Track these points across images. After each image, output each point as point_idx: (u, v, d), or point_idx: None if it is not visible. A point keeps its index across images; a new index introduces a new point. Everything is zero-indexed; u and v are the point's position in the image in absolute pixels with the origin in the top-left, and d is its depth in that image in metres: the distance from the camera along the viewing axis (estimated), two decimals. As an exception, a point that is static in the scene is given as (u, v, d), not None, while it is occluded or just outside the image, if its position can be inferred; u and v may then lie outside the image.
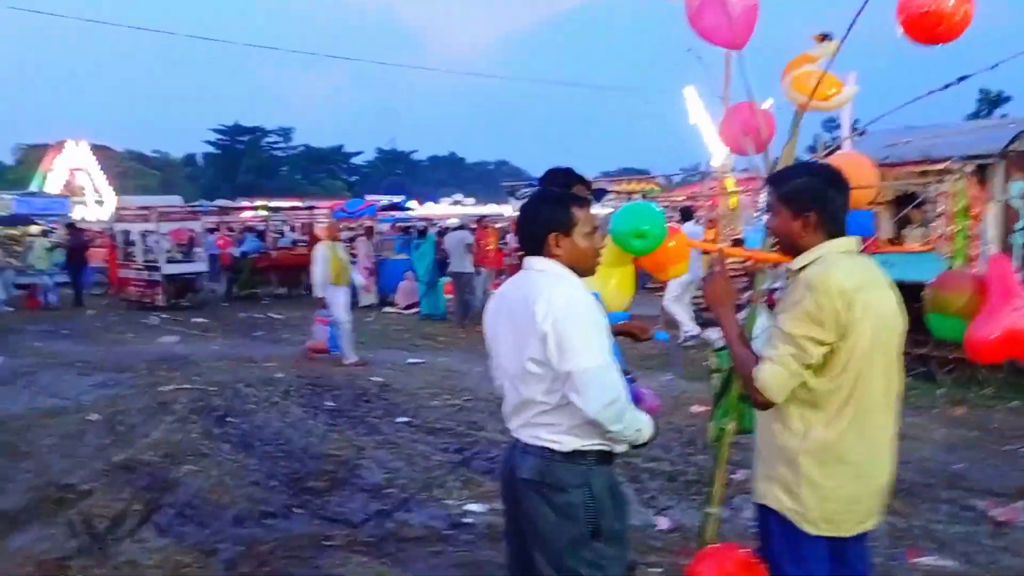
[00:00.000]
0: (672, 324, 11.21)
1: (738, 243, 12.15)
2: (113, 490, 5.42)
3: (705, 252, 8.21)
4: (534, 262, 2.54)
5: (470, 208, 39.25)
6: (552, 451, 2.43)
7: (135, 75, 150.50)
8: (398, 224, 24.37)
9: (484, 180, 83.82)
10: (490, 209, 33.35)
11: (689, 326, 11.16)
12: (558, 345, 2.33)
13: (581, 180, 3.32)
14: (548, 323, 2.34)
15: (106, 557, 4.40)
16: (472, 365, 10.18)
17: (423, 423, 7.17)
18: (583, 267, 2.56)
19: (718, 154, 15.90)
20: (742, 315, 2.81)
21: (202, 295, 18.27)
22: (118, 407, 7.76)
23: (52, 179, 38.96)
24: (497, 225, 18.22)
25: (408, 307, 15.97)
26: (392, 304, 16.57)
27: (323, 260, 10.12)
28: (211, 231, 22.64)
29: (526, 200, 2.67)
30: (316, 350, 10.44)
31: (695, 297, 11.11)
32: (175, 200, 22.49)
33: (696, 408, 7.14)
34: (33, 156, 50.81)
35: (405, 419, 7.30)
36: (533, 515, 2.45)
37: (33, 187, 37.79)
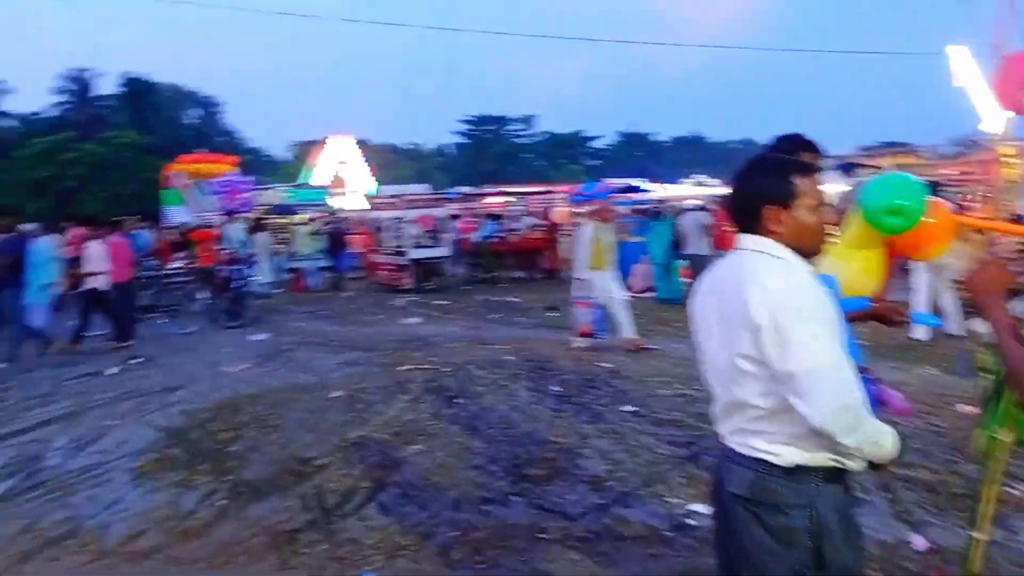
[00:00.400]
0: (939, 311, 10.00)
1: (1017, 220, 10.63)
2: (346, 466, 5.64)
3: (978, 231, 7.18)
4: (747, 240, 2.17)
5: (712, 189, 37.98)
6: (769, 464, 2.06)
7: (391, 71, 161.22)
8: (636, 207, 24.03)
9: (728, 160, 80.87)
10: (732, 189, 31.97)
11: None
12: (776, 340, 1.96)
13: (809, 146, 2.87)
14: (763, 313, 1.97)
15: (331, 533, 4.55)
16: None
17: (650, 413, 6.86)
18: (807, 246, 2.15)
19: (991, 118, 14.02)
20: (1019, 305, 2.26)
21: (445, 278, 19.06)
22: (360, 385, 8.15)
23: (319, 172, 42.68)
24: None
25: (643, 291, 15.63)
26: (627, 288, 16.31)
27: (587, 242, 9.92)
28: (454, 217, 23.64)
29: (739, 169, 2.30)
30: (582, 334, 10.23)
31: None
32: (423, 188, 23.62)
33: (963, 408, 6.24)
34: (305, 151, 56.03)
35: (632, 408, 7.03)
36: (743, 536, 2.10)
37: (302, 180, 41.59)
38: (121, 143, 55.21)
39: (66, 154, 53.03)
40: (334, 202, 32.10)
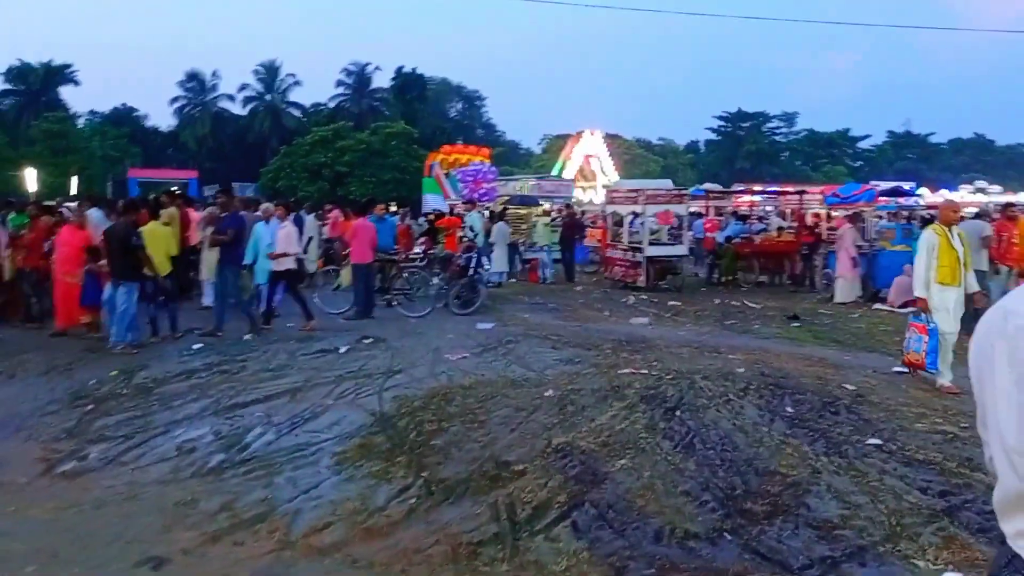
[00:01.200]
0: None
1: None
2: (545, 474, 5.25)
3: None
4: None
5: (995, 196, 33.76)
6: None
7: (649, 65, 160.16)
8: (901, 212, 21.78)
9: (1017, 165, 72.41)
10: (1021, 197, 28.19)
11: None
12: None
13: None
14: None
15: (516, 551, 4.17)
16: (977, 384, 8.32)
17: (899, 449, 5.85)
18: None
19: None
20: None
21: (682, 278, 18.27)
22: (574, 385, 7.75)
23: (569, 165, 43.10)
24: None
25: (903, 305, 13.96)
26: (883, 300, 14.69)
27: (930, 249, 8.18)
28: (697, 215, 22.69)
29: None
30: (911, 364, 8.41)
31: None
32: (666, 184, 22.87)
33: None
34: (556, 145, 56.95)
35: (877, 441, 6.04)
36: None
37: (554, 173, 42.18)
38: (390, 133, 59.11)
39: (341, 142, 57.64)
40: (578, 195, 32.22)
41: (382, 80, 72.79)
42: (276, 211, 12.08)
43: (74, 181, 42.17)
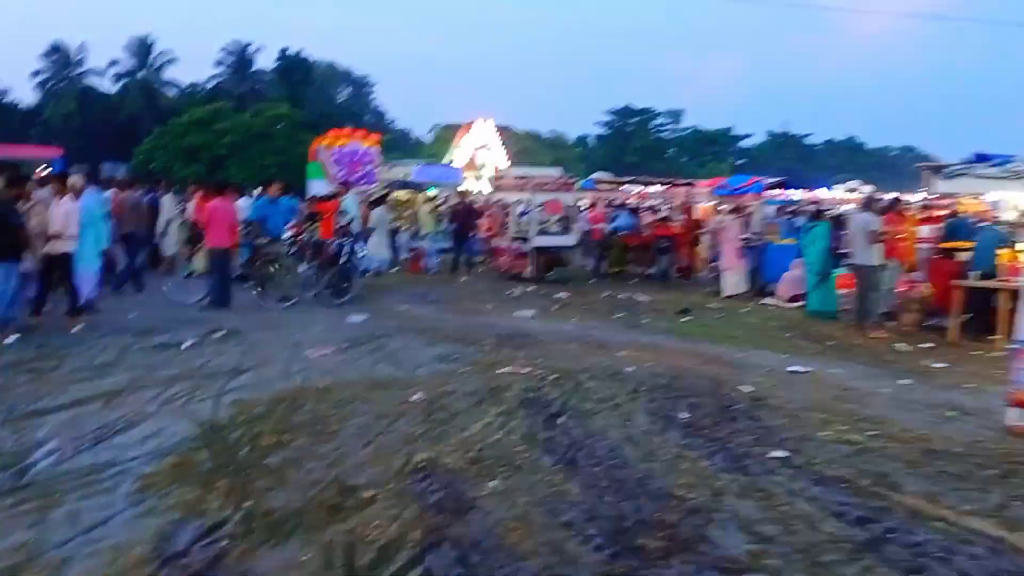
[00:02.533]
0: None
1: None
2: (399, 503, 4.29)
3: None
4: None
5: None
6: None
7: (541, 57, 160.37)
8: (786, 207, 21.80)
9: (886, 168, 75.92)
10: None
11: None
12: None
13: None
14: None
15: (347, 614, 3.21)
16: (876, 383, 7.91)
17: (807, 463, 5.18)
18: None
19: None
20: None
21: (569, 270, 17.62)
22: (447, 387, 6.82)
23: (458, 155, 42.06)
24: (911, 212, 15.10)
25: (792, 299, 13.70)
26: (772, 295, 14.40)
27: None
28: (589, 207, 22.12)
29: None
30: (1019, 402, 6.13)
31: None
32: (554, 173, 22.22)
33: None
34: (447, 134, 55.82)
35: (782, 453, 5.37)
36: None
37: (443, 161, 41.03)
38: (273, 116, 56.70)
39: (220, 123, 54.91)
40: (468, 185, 31.27)
41: (265, 62, 70.00)
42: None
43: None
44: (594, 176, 22.56)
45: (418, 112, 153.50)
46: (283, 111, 57.72)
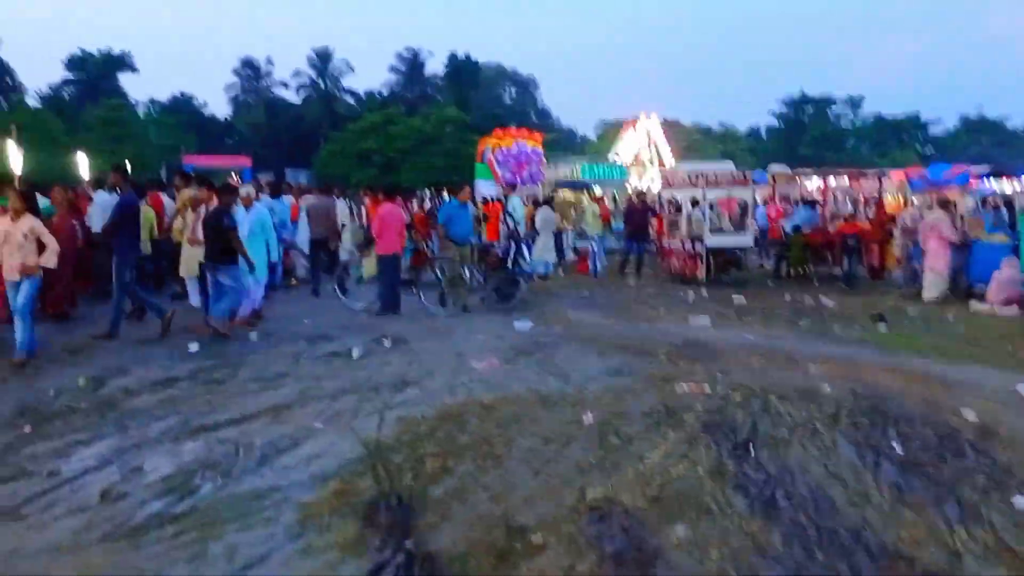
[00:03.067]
0: None
1: None
2: (571, 551, 3.82)
3: None
4: None
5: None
6: None
7: (709, 48, 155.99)
8: (991, 199, 19.67)
9: (1106, 152, 68.22)
10: None
11: None
12: None
13: None
14: None
15: None
16: None
17: (1064, 518, 4.27)
18: None
19: None
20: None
21: (747, 272, 16.59)
22: (620, 406, 6.30)
23: (623, 151, 41.32)
24: None
25: (1006, 303, 12.16)
26: (980, 298, 12.86)
27: None
28: (762, 203, 20.89)
29: None
30: None
31: None
32: (727, 166, 21.11)
33: None
34: (612, 131, 55.13)
35: (1028, 500, 4.48)
36: None
37: (608, 159, 40.46)
38: (442, 119, 58.12)
39: (392, 127, 56.84)
40: (634, 182, 30.51)
41: (435, 66, 72.05)
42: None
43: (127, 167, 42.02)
44: (770, 168, 21.22)
45: (583, 110, 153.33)
46: (451, 114, 59.04)
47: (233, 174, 36.49)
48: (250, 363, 8.00)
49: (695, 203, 17.19)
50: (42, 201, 9.77)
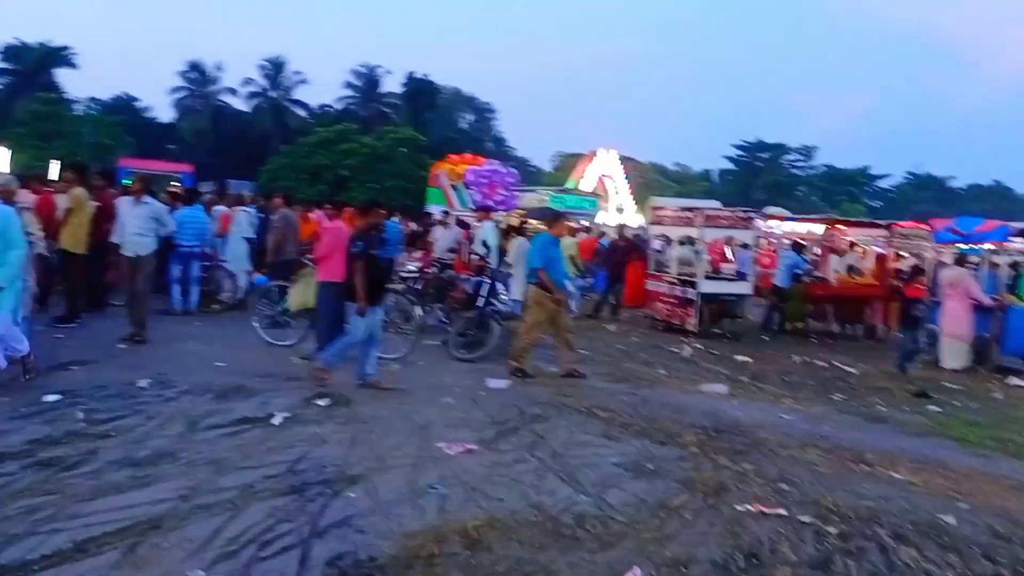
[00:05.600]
0: None
1: None
2: None
3: None
4: None
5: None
6: None
7: (665, 90, 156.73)
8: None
9: (1038, 216, 69.01)
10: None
11: None
12: None
13: None
14: None
15: None
16: None
17: None
18: None
19: None
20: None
21: (739, 324, 14.68)
22: (674, 548, 4.15)
23: (582, 185, 39.71)
24: None
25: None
26: (1016, 372, 11.12)
27: None
28: (744, 246, 19.06)
29: None
30: None
31: None
32: (713, 204, 19.31)
33: None
34: (568, 164, 53.61)
35: None
36: None
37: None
38: (396, 139, 55.91)
39: (345, 144, 54.41)
40: (600, 217, 28.68)
41: (392, 85, 69.87)
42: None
43: (54, 166, 38.87)
44: (767, 211, 19.42)
45: (538, 141, 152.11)
46: (407, 134, 56.96)
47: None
48: (124, 431, 5.63)
49: (683, 242, 15.29)
50: None
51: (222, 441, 5.57)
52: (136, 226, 9.04)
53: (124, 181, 14.57)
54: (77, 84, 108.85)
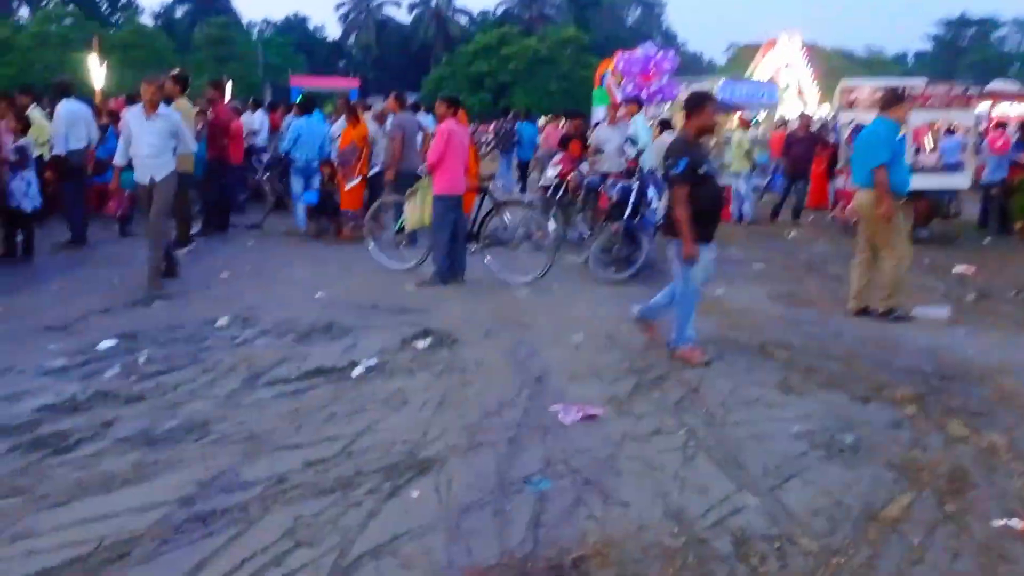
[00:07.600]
0: None
1: None
2: None
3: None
4: None
5: None
6: None
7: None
8: None
9: None
10: None
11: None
12: None
13: None
14: None
15: None
16: None
17: None
18: None
19: None
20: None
21: (951, 223, 12.18)
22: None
23: (759, 75, 36.12)
24: None
25: None
26: None
27: None
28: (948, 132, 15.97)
29: None
30: None
31: None
32: (918, 82, 16.30)
33: None
34: (744, 55, 49.27)
35: None
36: None
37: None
38: (559, 40, 53.64)
39: (506, 49, 52.79)
40: (787, 106, 25.66)
41: (555, -17, 67.09)
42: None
43: (228, 86, 39.98)
44: (991, 86, 16.18)
45: (711, 33, 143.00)
46: (569, 34, 54.45)
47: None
48: (163, 390, 4.57)
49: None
50: None
51: (276, 404, 4.39)
52: (150, 144, 7.22)
53: (297, 100, 13.66)
54: (251, 7, 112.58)
